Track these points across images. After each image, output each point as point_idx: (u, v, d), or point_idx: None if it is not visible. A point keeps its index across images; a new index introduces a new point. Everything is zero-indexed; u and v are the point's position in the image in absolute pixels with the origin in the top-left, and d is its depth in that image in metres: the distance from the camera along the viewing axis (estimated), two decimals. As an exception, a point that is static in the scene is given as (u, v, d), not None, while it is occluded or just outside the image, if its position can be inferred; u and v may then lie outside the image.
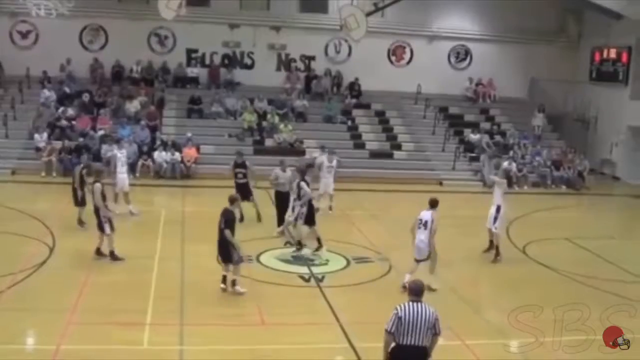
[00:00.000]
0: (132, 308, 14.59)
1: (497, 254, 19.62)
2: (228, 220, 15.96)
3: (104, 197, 18.02)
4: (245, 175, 22.59)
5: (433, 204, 16.72)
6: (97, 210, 17.97)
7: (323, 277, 17.50)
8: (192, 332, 13.51)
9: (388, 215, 25.55)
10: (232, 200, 16.31)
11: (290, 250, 19.62)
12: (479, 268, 19.33)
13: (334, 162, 25.12)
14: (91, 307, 14.57)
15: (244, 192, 21.74)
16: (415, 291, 10.15)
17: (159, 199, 27.42)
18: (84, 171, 21.02)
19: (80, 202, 20.84)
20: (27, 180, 21.45)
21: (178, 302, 15.07)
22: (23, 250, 18.31)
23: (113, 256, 17.80)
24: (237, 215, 17.11)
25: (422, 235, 16.53)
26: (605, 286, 18.03)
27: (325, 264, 18.73)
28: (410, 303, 10.03)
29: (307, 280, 17.28)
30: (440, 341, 14.39)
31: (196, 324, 13.94)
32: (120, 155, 23.74)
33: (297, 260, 18.93)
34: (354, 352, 13.02)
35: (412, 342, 9.93)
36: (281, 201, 21.76)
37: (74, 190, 20.99)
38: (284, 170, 22.07)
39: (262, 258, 18.79)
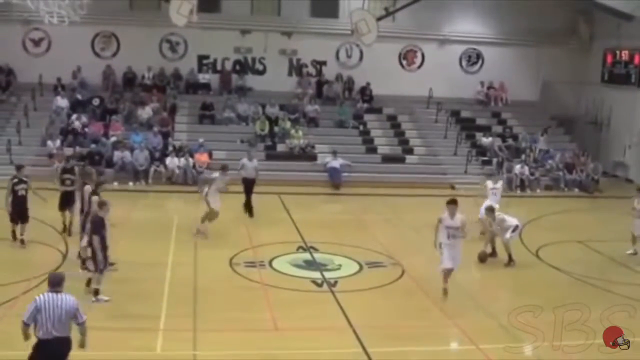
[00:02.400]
0: (145, 314, 14.63)
1: (510, 259, 19.58)
2: (95, 226, 15.48)
3: None
4: None
5: None
6: (86, 215, 17.43)
7: (336, 282, 17.50)
8: (205, 338, 13.52)
9: (400, 220, 25.53)
10: (100, 205, 15.94)
11: (302, 255, 19.65)
12: (492, 272, 19.28)
13: (499, 184, 23.38)
14: (104, 313, 14.59)
15: None
16: (54, 282, 10.21)
17: (171, 204, 27.47)
18: (20, 186, 19.40)
19: (22, 218, 19.36)
20: (40, 187, 21.47)
21: (191, 307, 15.10)
22: (36, 257, 18.40)
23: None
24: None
25: None
26: (619, 289, 17.98)
27: (338, 268, 18.72)
28: (49, 294, 10.05)
29: (320, 285, 17.28)
30: (454, 345, 14.54)
31: (209, 329, 13.96)
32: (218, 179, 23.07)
33: (309, 265, 18.93)
34: (367, 357, 13.00)
35: (55, 334, 9.95)
36: (248, 186, 24.62)
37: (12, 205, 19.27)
38: (250, 160, 24.78)
39: (275, 263, 18.79)
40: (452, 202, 16.56)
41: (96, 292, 15.42)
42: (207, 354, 12.88)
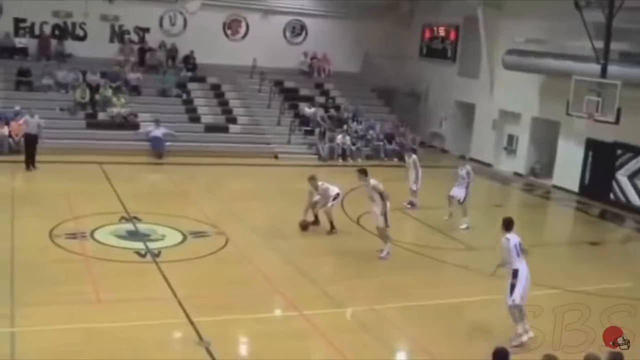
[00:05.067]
0: (-44, 290, 14.05)
1: (332, 227, 20.09)
2: None
3: None
4: None
5: None
6: None
7: (159, 252, 17.39)
8: (24, 314, 13.11)
9: (224, 189, 25.62)
10: None
11: (125, 226, 19.39)
12: (314, 239, 19.72)
13: (463, 172, 22.45)
14: None
15: None
16: None
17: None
18: None
19: None
20: None
21: (8, 282, 14.58)
22: None
23: None
24: None
25: None
26: (435, 254, 18.92)
27: (162, 239, 18.61)
28: None
29: (143, 256, 17.13)
30: (278, 312, 14.83)
31: (28, 304, 13.55)
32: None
33: (132, 235, 18.71)
34: (192, 327, 13.07)
35: None
36: (29, 142, 25.85)
37: None
38: (32, 116, 26.12)
39: (97, 234, 18.44)
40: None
41: None
42: (26, 330, 12.51)
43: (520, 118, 31.94)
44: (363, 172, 18.77)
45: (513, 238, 13.36)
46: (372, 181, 18.52)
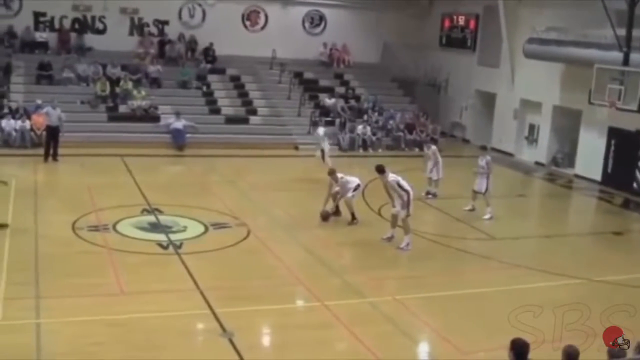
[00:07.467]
0: (-17, 282, 14.15)
1: (354, 218, 20.07)
2: None
3: None
4: None
5: None
6: None
7: (181, 244, 17.43)
8: (49, 305, 13.22)
9: (245, 181, 25.62)
10: None
11: (147, 218, 19.44)
12: (336, 231, 19.70)
13: (482, 162, 22.21)
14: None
15: None
16: None
17: (8, 168, 26.21)
18: None
19: None
20: None
21: (33, 274, 14.68)
22: None
23: None
24: None
25: None
26: (457, 244, 18.86)
27: (184, 230, 18.66)
28: None
29: (166, 248, 17.19)
30: (301, 303, 14.83)
31: (53, 296, 13.65)
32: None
33: (154, 227, 18.77)
34: (214, 318, 13.10)
35: None
36: (50, 134, 26.28)
37: None
38: (54, 108, 26.51)
39: (119, 226, 18.51)
40: None
41: None
42: (52, 321, 12.60)
43: (542, 107, 31.72)
44: (380, 170, 18.60)
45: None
46: (391, 176, 18.42)
